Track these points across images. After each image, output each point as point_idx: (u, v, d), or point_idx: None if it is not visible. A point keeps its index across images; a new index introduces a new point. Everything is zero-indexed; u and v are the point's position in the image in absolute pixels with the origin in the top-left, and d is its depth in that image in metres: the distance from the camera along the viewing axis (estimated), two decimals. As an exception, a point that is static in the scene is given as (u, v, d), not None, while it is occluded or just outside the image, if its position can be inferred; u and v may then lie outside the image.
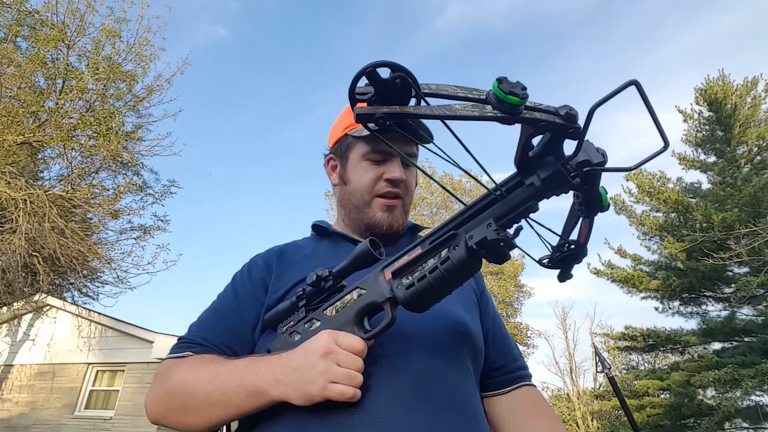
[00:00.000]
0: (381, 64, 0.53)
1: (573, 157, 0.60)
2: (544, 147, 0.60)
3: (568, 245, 0.68)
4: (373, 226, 1.00)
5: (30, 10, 10.17)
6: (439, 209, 20.01)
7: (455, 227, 0.70)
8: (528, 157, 0.61)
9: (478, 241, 0.63)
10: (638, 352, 15.90)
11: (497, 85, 0.53)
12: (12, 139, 8.66)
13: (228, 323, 0.91)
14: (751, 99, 14.77)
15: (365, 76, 0.54)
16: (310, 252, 1.01)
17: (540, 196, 0.64)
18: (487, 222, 0.64)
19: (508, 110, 0.53)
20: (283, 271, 0.96)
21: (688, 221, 13.32)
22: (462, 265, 0.65)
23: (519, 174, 0.65)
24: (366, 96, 0.56)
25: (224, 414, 0.76)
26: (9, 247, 8.51)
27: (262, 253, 1.04)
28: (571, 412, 22.20)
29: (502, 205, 0.66)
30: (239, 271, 1.01)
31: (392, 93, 0.54)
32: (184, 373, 0.81)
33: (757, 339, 12.13)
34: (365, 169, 0.99)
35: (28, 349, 9.44)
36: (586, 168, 0.61)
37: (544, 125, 0.55)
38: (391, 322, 0.71)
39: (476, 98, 0.55)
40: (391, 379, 0.74)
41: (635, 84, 0.54)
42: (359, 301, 0.75)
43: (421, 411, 0.72)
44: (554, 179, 0.61)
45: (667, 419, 13.10)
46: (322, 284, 0.81)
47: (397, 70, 0.54)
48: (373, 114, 0.53)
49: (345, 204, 1.05)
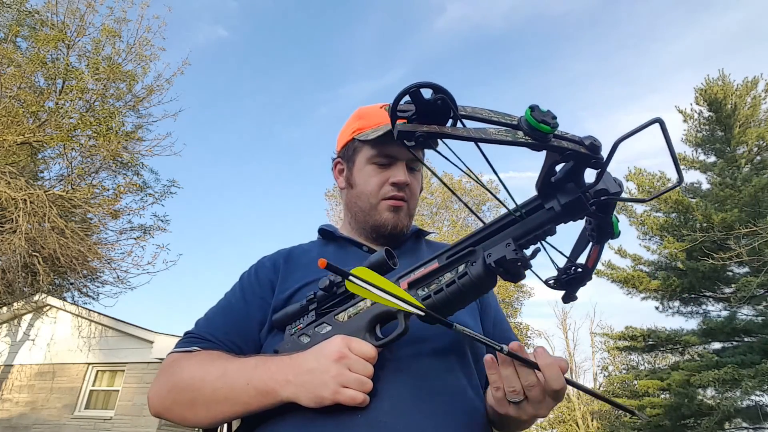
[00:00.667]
0: (425, 85, 0.56)
1: (593, 185, 0.63)
2: (566, 174, 0.63)
3: (575, 268, 0.70)
4: (378, 227, 1.01)
5: (30, 10, 10.18)
6: (439, 209, 20.02)
7: (473, 244, 0.72)
8: (550, 182, 0.64)
9: (496, 259, 0.66)
10: (638, 352, 15.89)
11: (530, 112, 0.56)
12: (12, 139, 8.67)
13: (235, 321, 0.92)
14: (751, 99, 14.77)
15: (409, 95, 0.56)
16: (317, 256, 1.03)
17: (559, 220, 0.66)
18: (506, 242, 0.67)
19: (539, 137, 0.56)
20: (290, 274, 0.98)
21: (688, 221, 13.32)
22: (479, 281, 0.68)
23: (539, 197, 0.67)
24: (406, 113, 0.58)
25: (231, 411, 0.76)
26: (9, 247, 8.51)
27: (269, 254, 1.06)
28: (571, 412, 22.20)
29: (522, 226, 0.68)
30: (247, 271, 1.02)
31: (432, 112, 0.57)
32: (192, 367, 0.81)
33: (757, 339, 12.14)
34: (371, 172, 1.01)
35: (28, 349, 9.45)
36: (604, 197, 0.63)
37: (569, 154, 0.58)
38: (404, 332, 0.73)
39: (508, 123, 0.58)
40: (394, 381, 0.75)
41: (659, 122, 0.57)
42: (373, 309, 0.76)
43: (425, 412, 0.73)
44: (574, 206, 0.64)
45: (667, 419, 13.10)
46: (334, 289, 0.82)
47: (440, 92, 0.56)
48: (413, 132, 0.56)
49: (351, 207, 1.06)
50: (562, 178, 0.63)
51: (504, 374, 0.68)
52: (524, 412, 0.69)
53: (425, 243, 1.12)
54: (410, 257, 1.02)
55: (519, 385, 0.67)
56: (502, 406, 0.70)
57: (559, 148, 0.57)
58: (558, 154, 0.58)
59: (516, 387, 0.67)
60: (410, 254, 1.04)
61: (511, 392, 0.67)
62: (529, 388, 0.67)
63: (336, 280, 0.81)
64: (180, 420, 0.81)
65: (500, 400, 0.70)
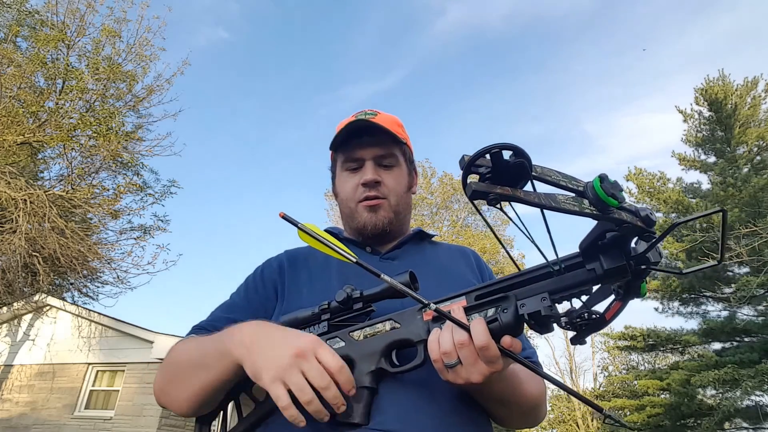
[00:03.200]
0: (507, 146, 0.56)
1: (639, 255, 0.63)
2: (614, 240, 0.63)
3: (591, 315, 0.69)
4: (360, 229, 1.02)
5: (30, 10, 10.18)
6: (439, 209, 20.01)
7: (506, 288, 0.71)
8: (596, 245, 0.64)
9: (531, 312, 0.66)
10: (638, 352, 15.90)
11: (599, 183, 0.57)
12: (12, 139, 8.66)
13: (238, 319, 0.92)
14: (751, 99, 14.78)
15: (489, 154, 0.57)
16: (322, 259, 1.03)
17: (598, 282, 0.66)
18: (541, 295, 0.66)
19: (603, 209, 0.57)
20: (295, 275, 0.99)
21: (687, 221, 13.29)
22: (508, 329, 0.67)
23: (581, 256, 0.67)
24: (481, 169, 0.59)
25: (202, 380, 0.75)
26: (9, 247, 8.51)
27: (275, 255, 1.08)
28: (571, 412, 22.21)
29: (559, 281, 0.67)
30: (252, 272, 1.04)
31: (506, 172, 0.57)
32: (180, 346, 0.85)
33: (757, 339, 12.14)
34: (345, 178, 1.05)
35: (28, 349, 9.44)
36: (644, 266, 0.64)
37: (626, 227, 0.59)
38: (421, 364, 0.72)
39: (575, 189, 0.59)
40: (395, 392, 0.75)
41: (723, 212, 0.61)
42: (392, 334, 0.75)
43: (428, 415, 0.74)
44: (617, 272, 0.64)
45: (667, 419, 13.11)
46: (351, 304, 0.80)
47: (520, 156, 0.56)
48: (487, 193, 0.57)
49: (342, 214, 1.09)
50: (609, 243, 0.64)
51: (440, 338, 0.68)
52: (459, 376, 0.68)
53: (429, 244, 1.11)
54: (411, 259, 1.02)
55: (451, 345, 0.67)
56: (443, 374, 0.70)
57: (619, 221, 0.58)
58: (615, 224, 0.59)
59: (448, 348, 0.67)
60: (412, 256, 1.04)
61: (445, 354, 0.67)
62: (460, 347, 0.66)
63: (354, 295, 0.80)
64: (172, 402, 0.81)
65: (440, 371, 0.70)
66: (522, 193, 0.58)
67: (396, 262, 1.01)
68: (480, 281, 1.02)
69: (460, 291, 0.75)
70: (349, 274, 0.94)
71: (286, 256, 1.06)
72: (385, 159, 1.03)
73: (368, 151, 1.01)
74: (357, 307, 0.80)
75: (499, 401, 0.80)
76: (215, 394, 0.78)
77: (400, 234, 1.07)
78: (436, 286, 0.84)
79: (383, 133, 1.00)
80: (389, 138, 1.02)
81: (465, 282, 0.97)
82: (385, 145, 1.03)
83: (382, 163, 1.03)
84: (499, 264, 19.27)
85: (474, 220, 20.66)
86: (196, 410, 0.80)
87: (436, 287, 0.83)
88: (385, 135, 1.01)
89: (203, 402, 0.78)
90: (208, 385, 0.75)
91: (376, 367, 0.73)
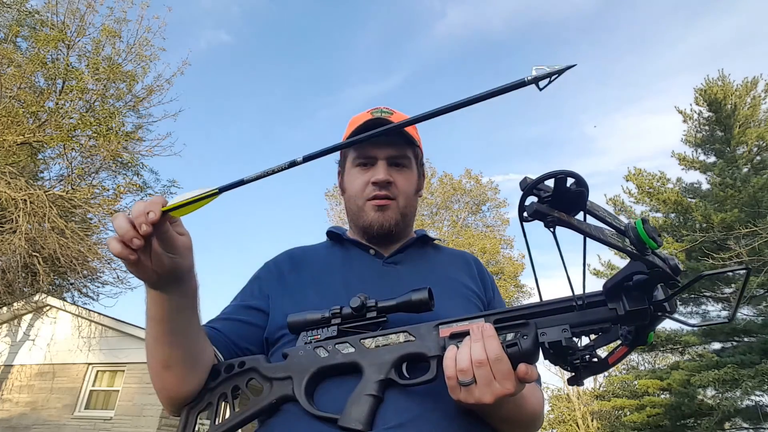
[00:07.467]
0: (572, 174, 0.58)
1: (660, 302, 0.65)
2: (639, 283, 0.65)
3: (592, 358, 0.70)
4: (366, 228, 1.02)
5: (30, 10, 10.19)
6: (439, 209, 20.02)
7: (526, 316, 0.72)
8: (622, 285, 0.66)
9: (551, 341, 0.67)
10: (638, 352, 15.89)
11: (641, 225, 0.59)
12: (12, 139, 8.67)
13: (233, 324, 0.94)
14: (750, 99, 14.78)
15: (554, 179, 0.59)
16: (324, 259, 1.03)
17: (617, 322, 0.68)
18: (563, 326, 0.68)
19: (642, 249, 0.60)
20: (298, 276, 1.00)
21: (687, 222, 13.33)
22: (526, 355, 0.68)
23: (604, 294, 0.68)
24: (541, 192, 0.61)
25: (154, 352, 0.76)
26: (9, 247, 8.51)
27: (274, 257, 1.08)
28: (571, 412, 22.21)
29: (580, 315, 0.69)
30: (250, 278, 1.05)
31: (565, 199, 0.59)
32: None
33: (757, 339, 12.13)
34: (355, 175, 1.04)
35: (28, 349, 9.44)
36: (660, 313, 0.66)
37: (656, 271, 0.61)
38: (433, 379, 0.72)
39: (617, 227, 0.61)
40: (396, 401, 0.75)
41: (747, 270, 0.67)
42: (406, 346, 0.76)
43: (431, 420, 0.74)
44: (637, 315, 0.65)
45: (667, 419, 13.11)
46: (364, 312, 0.81)
47: (582, 186, 0.58)
48: (546, 215, 0.59)
49: (347, 210, 1.08)
50: (634, 285, 0.65)
51: (458, 355, 0.68)
52: (471, 395, 0.68)
53: (432, 249, 1.11)
54: (415, 265, 1.02)
55: (468, 363, 0.67)
56: (455, 392, 0.69)
57: (652, 263, 0.60)
58: (647, 266, 0.61)
59: (465, 365, 0.67)
60: (415, 262, 1.03)
61: (461, 372, 0.67)
62: (477, 366, 0.66)
63: (368, 303, 0.81)
64: (158, 389, 0.81)
65: (453, 388, 0.69)
66: (576, 221, 0.60)
67: (399, 266, 1.00)
68: (481, 289, 1.02)
69: (480, 313, 0.76)
70: (352, 276, 0.95)
71: (285, 257, 1.06)
72: (397, 159, 1.02)
73: (382, 150, 1.00)
74: (370, 315, 0.80)
75: (503, 420, 0.80)
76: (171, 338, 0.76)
77: (405, 236, 1.07)
78: (440, 294, 0.84)
79: (399, 133, 1.00)
80: (403, 139, 1.02)
81: (467, 291, 0.98)
82: (399, 145, 1.02)
83: (394, 163, 1.02)
84: (499, 264, 19.30)
85: (474, 221, 20.67)
86: (179, 376, 0.78)
87: (439, 295, 0.83)
88: (400, 136, 1.01)
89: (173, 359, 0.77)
90: (160, 355, 0.76)
91: (385, 377, 0.74)
